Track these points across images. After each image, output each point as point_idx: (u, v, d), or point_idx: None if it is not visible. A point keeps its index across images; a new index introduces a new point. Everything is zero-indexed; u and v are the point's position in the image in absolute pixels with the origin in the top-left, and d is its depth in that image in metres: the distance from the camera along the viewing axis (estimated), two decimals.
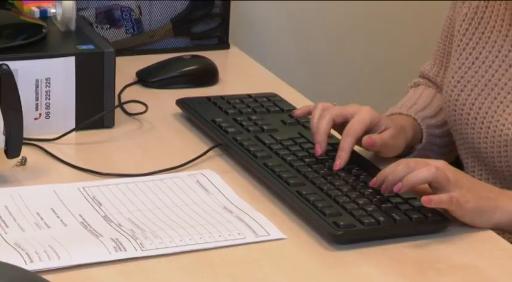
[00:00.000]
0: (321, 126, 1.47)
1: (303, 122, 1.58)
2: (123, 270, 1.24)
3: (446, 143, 1.63)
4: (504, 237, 1.36)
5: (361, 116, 1.48)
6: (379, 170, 1.43)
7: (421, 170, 1.35)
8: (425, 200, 1.32)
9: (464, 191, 1.34)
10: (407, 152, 1.58)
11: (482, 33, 1.55)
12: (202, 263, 1.27)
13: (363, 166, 1.46)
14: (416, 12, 2.09)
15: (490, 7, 1.55)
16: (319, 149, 1.46)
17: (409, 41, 2.04)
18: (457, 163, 1.57)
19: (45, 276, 1.12)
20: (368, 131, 1.49)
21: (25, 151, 1.45)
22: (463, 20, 1.58)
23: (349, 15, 2.09)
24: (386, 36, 2.10)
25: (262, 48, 1.94)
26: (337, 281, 1.26)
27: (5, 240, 1.28)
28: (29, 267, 1.21)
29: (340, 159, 1.44)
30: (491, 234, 1.36)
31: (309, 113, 1.53)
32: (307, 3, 2.04)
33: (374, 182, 1.38)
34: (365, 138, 1.47)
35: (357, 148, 1.51)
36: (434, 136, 1.62)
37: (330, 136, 1.48)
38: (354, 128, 1.46)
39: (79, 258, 1.25)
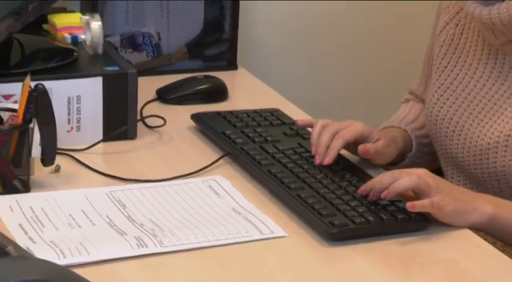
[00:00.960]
0: (322, 141, 1.47)
1: (302, 134, 1.57)
2: (144, 264, 1.24)
3: (433, 151, 1.62)
4: (479, 235, 1.36)
5: (353, 126, 1.48)
6: (369, 176, 1.43)
7: (404, 178, 1.35)
8: (409, 206, 1.33)
9: (444, 195, 1.34)
10: (400, 159, 1.58)
11: (459, 57, 1.55)
12: (214, 258, 1.27)
13: (355, 172, 1.46)
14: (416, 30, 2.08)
15: (465, 34, 1.55)
16: (319, 160, 1.46)
17: (407, 59, 2.02)
18: (438, 170, 1.56)
19: (76, 270, 1.12)
20: (361, 141, 1.49)
21: (59, 160, 1.45)
22: (442, 46, 1.58)
23: (348, 35, 2.09)
24: (386, 57, 2.10)
25: (266, 69, 1.94)
26: (333, 274, 1.26)
27: (41, 238, 1.28)
28: (62, 262, 1.21)
29: (329, 156, 1.45)
30: (468, 232, 1.35)
31: (309, 125, 1.53)
32: (308, 27, 2.04)
33: (363, 189, 1.38)
34: (360, 147, 1.48)
35: (351, 157, 1.51)
36: (423, 145, 1.62)
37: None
38: (345, 133, 1.47)
39: (106, 253, 1.25)
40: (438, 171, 1.54)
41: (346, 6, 2.05)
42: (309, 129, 1.55)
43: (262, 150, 1.52)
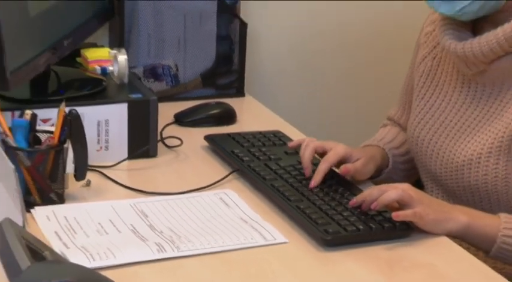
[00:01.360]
0: (305, 155, 1.47)
1: (293, 150, 1.56)
2: (163, 267, 1.24)
3: (407, 168, 1.62)
4: (455, 242, 1.35)
5: (336, 149, 1.48)
6: (359, 189, 1.43)
7: (391, 192, 1.34)
8: (394, 215, 1.32)
9: (424, 206, 1.34)
10: (377, 174, 1.57)
11: (436, 85, 1.55)
12: (224, 261, 1.27)
13: (347, 187, 1.45)
14: None
15: (442, 66, 1.55)
16: (306, 172, 1.47)
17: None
18: (419, 185, 1.56)
19: (103, 272, 1.13)
20: (343, 161, 1.48)
21: (89, 175, 1.45)
22: (421, 76, 1.57)
23: (342, 67, 2.08)
24: (377, 89, 2.08)
25: (269, 96, 1.94)
26: (328, 275, 1.25)
27: (74, 244, 1.27)
28: (91, 265, 1.21)
29: (314, 180, 1.44)
30: (446, 239, 1.35)
31: (298, 145, 1.53)
32: (306, 60, 2.04)
33: (354, 202, 1.37)
34: (341, 168, 1.48)
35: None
36: (398, 162, 1.61)
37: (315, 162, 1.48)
38: (329, 157, 1.47)
39: (129, 257, 1.24)
40: (419, 185, 1.54)
41: (339, 42, 2.05)
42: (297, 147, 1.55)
43: (266, 167, 1.51)
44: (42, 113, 1.43)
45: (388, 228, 1.33)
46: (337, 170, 1.49)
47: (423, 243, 1.33)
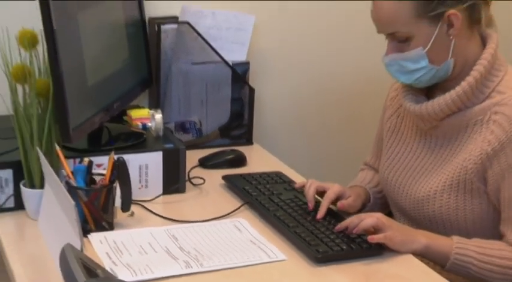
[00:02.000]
0: (310, 192, 1.46)
1: (296, 189, 1.55)
2: (190, 280, 1.24)
3: (382, 202, 1.61)
4: (418, 258, 1.34)
5: (333, 189, 1.47)
6: (343, 218, 1.42)
7: (367, 219, 1.35)
8: (370, 238, 1.32)
9: (394, 231, 1.34)
10: (362, 207, 1.56)
11: (400, 138, 1.55)
12: (237, 275, 1.26)
13: (333, 215, 1.44)
14: None
15: (404, 122, 1.54)
16: (310, 206, 1.45)
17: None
18: (389, 214, 1.55)
19: None
20: (339, 198, 1.48)
21: (133, 207, 1.45)
22: (388, 130, 1.57)
23: (333, 121, 2.06)
24: (361, 138, 2.00)
25: (272, 145, 1.93)
26: None
27: (120, 262, 1.28)
28: (134, 279, 1.21)
29: (320, 213, 1.43)
30: (411, 256, 1.34)
31: (302, 186, 1.52)
32: (304, 117, 2.03)
33: (339, 228, 1.37)
34: (338, 204, 1.47)
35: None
36: (377, 198, 1.60)
37: (317, 201, 1.47)
38: (329, 195, 1.46)
39: (163, 272, 1.24)
40: (389, 214, 1.53)
41: (330, 101, 2.04)
42: (302, 188, 1.53)
43: (270, 200, 1.51)
44: (96, 159, 1.43)
45: (365, 248, 1.33)
46: (331, 207, 1.48)
47: (393, 260, 1.33)
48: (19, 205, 1.45)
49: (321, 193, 1.48)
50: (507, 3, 1.97)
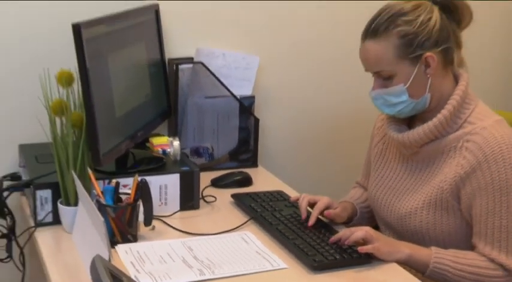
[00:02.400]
0: (302, 204, 1.47)
1: (295, 206, 1.55)
2: None
3: (369, 216, 1.60)
4: (401, 266, 1.34)
5: (323, 200, 1.47)
6: (336, 231, 1.42)
7: (358, 232, 1.34)
8: (360, 249, 1.32)
9: (380, 242, 1.34)
10: (349, 221, 1.56)
11: (386, 162, 1.54)
12: (244, 281, 1.26)
13: (327, 229, 1.44)
14: None
15: (389, 148, 1.54)
16: (303, 216, 1.46)
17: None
18: (376, 227, 1.54)
19: None
20: (328, 208, 1.47)
21: (154, 222, 1.44)
22: (375, 155, 1.57)
23: (327, 146, 2.05)
24: (353, 162, 1.98)
25: (274, 167, 1.92)
26: None
27: (143, 270, 1.28)
28: None
29: (311, 221, 1.43)
30: (395, 265, 1.34)
31: (297, 200, 1.52)
32: (302, 144, 2.02)
33: (333, 240, 1.37)
34: (325, 212, 1.47)
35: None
36: (364, 212, 1.60)
37: (309, 212, 1.47)
38: (319, 205, 1.46)
39: (180, 279, 1.24)
40: (376, 227, 1.52)
41: (328, 127, 2.03)
42: (297, 201, 1.53)
43: (272, 215, 1.50)
44: (123, 181, 1.43)
45: (356, 257, 1.33)
46: (321, 218, 1.48)
47: (380, 268, 1.32)
48: (56, 220, 1.45)
49: (313, 205, 1.48)
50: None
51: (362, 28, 1.40)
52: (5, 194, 1.51)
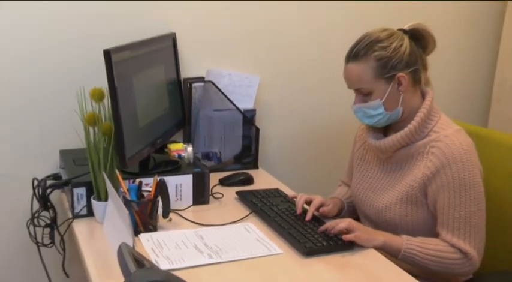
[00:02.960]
0: (299, 202, 1.45)
1: (290, 201, 1.54)
2: (212, 268, 1.23)
3: (352, 209, 1.59)
4: (379, 252, 1.33)
5: (317, 199, 1.46)
6: (323, 222, 1.41)
7: (341, 223, 1.33)
8: (344, 237, 1.31)
9: (361, 231, 1.33)
10: (338, 214, 1.54)
11: (366, 164, 1.53)
12: (246, 264, 1.25)
13: (317, 220, 1.43)
14: None
15: (368, 153, 1.53)
16: (298, 211, 1.44)
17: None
18: (357, 219, 1.53)
19: (176, 272, 1.11)
20: (321, 205, 1.46)
21: (171, 215, 1.44)
22: (357, 159, 1.56)
23: (319, 151, 2.04)
24: (340, 164, 2.00)
25: (272, 169, 1.92)
26: (306, 271, 1.23)
27: (162, 255, 1.26)
28: (171, 267, 1.20)
29: (308, 216, 1.42)
30: (373, 251, 1.32)
31: (294, 197, 1.51)
32: (295, 148, 2.01)
33: (321, 229, 1.36)
34: (320, 210, 1.46)
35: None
36: (349, 206, 1.58)
37: (304, 209, 1.46)
38: (314, 203, 1.45)
39: (193, 262, 1.23)
40: (357, 219, 1.51)
41: (317, 135, 2.03)
42: (294, 198, 1.53)
43: (270, 209, 1.49)
44: (145, 180, 1.42)
45: (340, 244, 1.31)
46: (315, 213, 1.46)
47: (360, 253, 1.31)
48: (90, 213, 1.44)
49: (309, 203, 1.47)
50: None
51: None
52: (48, 191, 1.51)
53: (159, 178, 1.39)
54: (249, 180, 1.74)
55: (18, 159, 1.67)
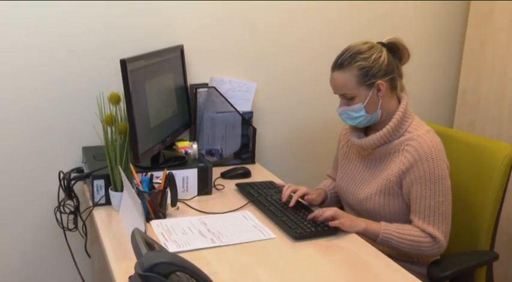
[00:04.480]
0: (286, 192, 1.44)
1: (278, 188, 1.54)
2: (215, 251, 1.21)
3: (338, 200, 1.58)
4: (360, 236, 1.32)
5: (302, 189, 1.45)
6: (312, 210, 1.40)
7: (328, 211, 1.32)
8: (330, 223, 1.30)
9: (345, 218, 1.32)
10: (322, 202, 1.53)
11: (349, 160, 1.52)
12: (244, 247, 1.24)
13: (306, 209, 1.42)
14: None
15: (351, 150, 1.52)
16: (283, 200, 1.43)
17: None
18: (342, 208, 1.52)
19: (183, 254, 1.10)
20: (306, 194, 1.45)
21: (178, 204, 1.43)
22: (342, 155, 1.55)
23: (312, 151, 2.02)
24: (328, 160, 1.99)
25: (268, 164, 1.91)
26: (296, 254, 1.22)
27: (170, 239, 1.25)
28: (177, 249, 1.19)
29: (292, 203, 1.41)
30: (355, 235, 1.32)
31: (282, 187, 1.50)
32: (289, 147, 1.99)
33: (309, 217, 1.35)
34: (306, 197, 1.45)
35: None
36: (333, 197, 1.57)
37: (290, 197, 1.45)
38: (298, 193, 1.44)
39: (197, 245, 1.22)
40: (341, 208, 1.50)
41: (307, 134, 2.00)
42: (281, 188, 1.52)
43: (265, 199, 1.48)
44: (156, 173, 1.41)
45: (326, 230, 1.30)
46: (301, 200, 1.46)
47: (344, 237, 1.30)
48: (108, 202, 1.43)
49: (294, 192, 1.45)
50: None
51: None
52: (72, 182, 1.51)
53: (168, 172, 1.38)
54: (247, 174, 1.73)
55: (47, 155, 1.66)
